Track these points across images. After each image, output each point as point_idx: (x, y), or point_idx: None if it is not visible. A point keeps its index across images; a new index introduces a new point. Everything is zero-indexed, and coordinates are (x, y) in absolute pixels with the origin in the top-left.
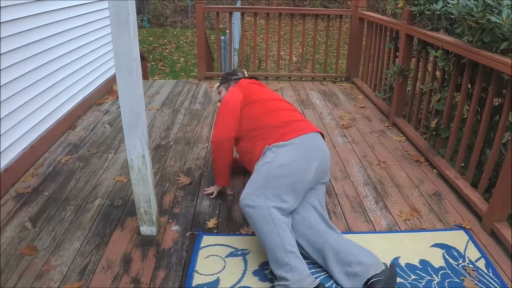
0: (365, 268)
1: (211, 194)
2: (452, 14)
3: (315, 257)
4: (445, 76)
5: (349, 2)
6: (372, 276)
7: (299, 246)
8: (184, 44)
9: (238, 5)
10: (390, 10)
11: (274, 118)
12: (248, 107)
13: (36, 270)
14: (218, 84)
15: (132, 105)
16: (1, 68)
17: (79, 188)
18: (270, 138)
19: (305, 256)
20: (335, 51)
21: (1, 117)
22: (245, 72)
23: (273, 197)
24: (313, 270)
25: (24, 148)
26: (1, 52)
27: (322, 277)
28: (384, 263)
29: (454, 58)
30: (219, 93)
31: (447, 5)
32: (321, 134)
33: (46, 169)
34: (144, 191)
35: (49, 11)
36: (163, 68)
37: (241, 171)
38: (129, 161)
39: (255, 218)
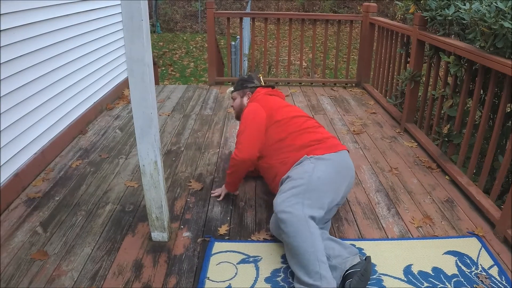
0: (342, 261)
1: (218, 196)
2: (464, 20)
3: None
4: (457, 82)
5: (358, 8)
6: (349, 268)
7: None
8: (194, 49)
9: (248, 10)
10: (399, 16)
11: (303, 137)
12: (274, 126)
13: (47, 275)
14: (232, 89)
15: (145, 110)
16: (14, 73)
17: (90, 193)
18: (299, 155)
19: None
20: (345, 56)
21: (13, 122)
22: (261, 78)
23: (310, 206)
24: None
25: (35, 153)
26: (15, 57)
27: None
28: (359, 255)
29: (466, 64)
30: (233, 99)
31: (459, 10)
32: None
33: (57, 173)
34: (156, 197)
35: (62, 15)
36: (173, 73)
37: (251, 176)
38: (141, 167)
39: (290, 224)
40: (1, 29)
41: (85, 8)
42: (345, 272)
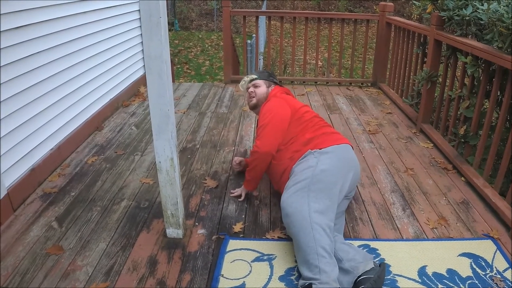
0: (355, 265)
1: (239, 196)
2: (482, 20)
3: None
4: (474, 83)
5: (374, 7)
6: (362, 273)
7: None
8: (209, 47)
9: (264, 9)
10: (416, 15)
11: (310, 133)
12: (293, 124)
13: (62, 270)
14: (254, 76)
15: (162, 107)
16: (32, 69)
17: (105, 189)
18: (299, 147)
19: None
20: (361, 55)
21: (30, 117)
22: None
23: (315, 200)
24: None
25: (52, 149)
26: (33, 53)
27: None
28: (374, 261)
29: (483, 65)
30: (257, 86)
31: (477, 10)
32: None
33: (73, 169)
34: (171, 193)
35: (80, 13)
36: (188, 71)
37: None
38: (157, 163)
39: (294, 218)
40: (20, 25)
41: (102, 5)
42: (358, 278)
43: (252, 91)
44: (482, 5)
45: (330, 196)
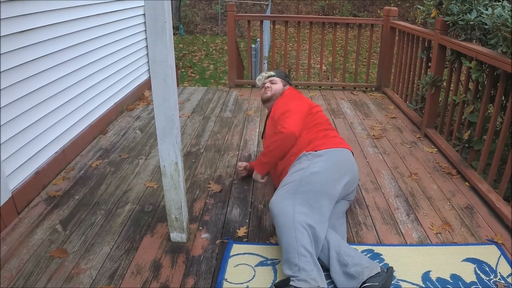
0: (361, 270)
1: (244, 170)
2: (486, 25)
3: (322, 258)
4: (479, 88)
5: (378, 11)
6: (367, 279)
7: None
8: (213, 51)
9: (268, 13)
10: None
11: (312, 134)
12: (307, 118)
13: (65, 273)
14: (273, 73)
15: (167, 111)
16: (38, 72)
17: (109, 193)
18: (300, 146)
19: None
20: (365, 60)
21: (35, 120)
22: None
23: (301, 202)
24: None
25: (56, 152)
26: (39, 56)
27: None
28: (381, 266)
29: (488, 69)
30: (274, 83)
31: (481, 15)
32: (352, 152)
33: (77, 173)
34: (175, 197)
35: (85, 17)
36: (192, 75)
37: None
38: (161, 167)
39: (279, 218)
40: (25, 29)
41: (107, 10)
42: (363, 284)
43: (268, 86)
44: (487, 10)
45: (318, 199)
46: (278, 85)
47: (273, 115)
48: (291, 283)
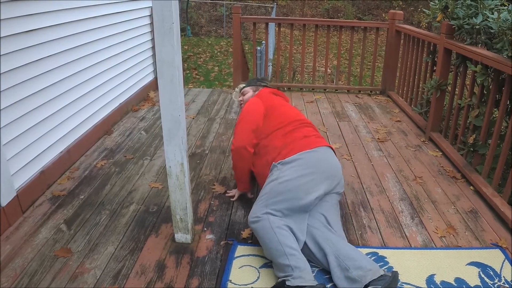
0: (363, 274)
1: (233, 196)
2: (492, 29)
3: (321, 261)
4: (484, 92)
5: (383, 15)
6: (370, 282)
7: (308, 249)
8: (218, 53)
9: (273, 16)
10: (424, 23)
11: (282, 138)
12: (266, 120)
13: (70, 272)
14: (242, 85)
15: (173, 112)
16: (44, 71)
17: (114, 193)
18: (273, 155)
19: (313, 260)
20: (370, 63)
21: (40, 120)
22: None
23: (275, 211)
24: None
25: (61, 151)
26: (44, 56)
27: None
28: (384, 270)
29: (493, 74)
30: (244, 94)
31: (487, 19)
32: (331, 148)
33: (82, 172)
34: (181, 198)
35: (90, 17)
36: (197, 76)
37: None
38: (167, 168)
39: (258, 230)
40: (31, 29)
41: (113, 10)
42: (365, 287)
43: (241, 99)
44: (492, 14)
45: (293, 204)
46: (248, 94)
47: None
48: (287, 283)
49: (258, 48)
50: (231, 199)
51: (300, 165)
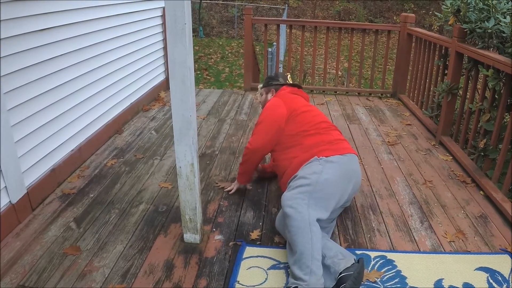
0: (337, 261)
1: (230, 190)
2: (504, 33)
3: None
4: (495, 96)
5: (394, 17)
6: (343, 270)
7: None
8: (229, 54)
9: (285, 17)
10: (436, 27)
11: (314, 137)
12: (290, 124)
13: (78, 270)
14: (260, 85)
15: (184, 113)
16: (56, 70)
17: (124, 192)
18: (306, 155)
19: None
20: (381, 66)
21: (52, 118)
22: (289, 76)
23: (315, 207)
24: None
25: (72, 150)
26: (57, 55)
27: None
28: (354, 258)
29: (505, 78)
30: (261, 94)
31: (499, 23)
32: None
33: (92, 171)
34: (190, 198)
35: (103, 17)
36: (208, 77)
37: (267, 178)
38: (177, 168)
39: (294, 219)
40: (44, 27)
41: (125, 10)
42: (339, 275)
43: (257, 98)
44: (505, 18)
45: (327, 206)
46: (263, 96)
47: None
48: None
49: (269, 49)
50: (229, 193)
51: (340, 168)
